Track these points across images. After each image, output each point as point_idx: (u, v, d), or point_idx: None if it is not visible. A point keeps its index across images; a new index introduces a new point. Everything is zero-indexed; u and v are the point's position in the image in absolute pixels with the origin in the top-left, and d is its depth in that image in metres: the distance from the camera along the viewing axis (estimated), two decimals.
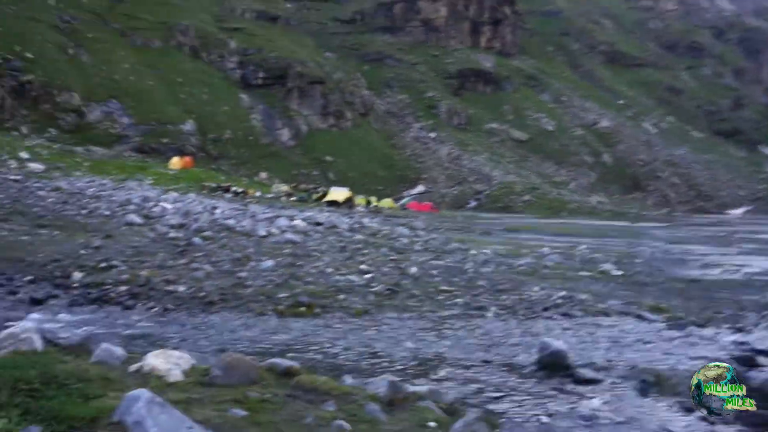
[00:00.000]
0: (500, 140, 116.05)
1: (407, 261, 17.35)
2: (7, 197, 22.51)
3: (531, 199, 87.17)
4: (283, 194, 55.27)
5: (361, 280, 13.52)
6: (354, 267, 15.14)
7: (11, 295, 10.47)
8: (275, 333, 9.52)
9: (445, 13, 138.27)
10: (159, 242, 16.48)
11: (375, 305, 11.81)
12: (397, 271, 15.39)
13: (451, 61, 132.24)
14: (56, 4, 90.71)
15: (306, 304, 11.09)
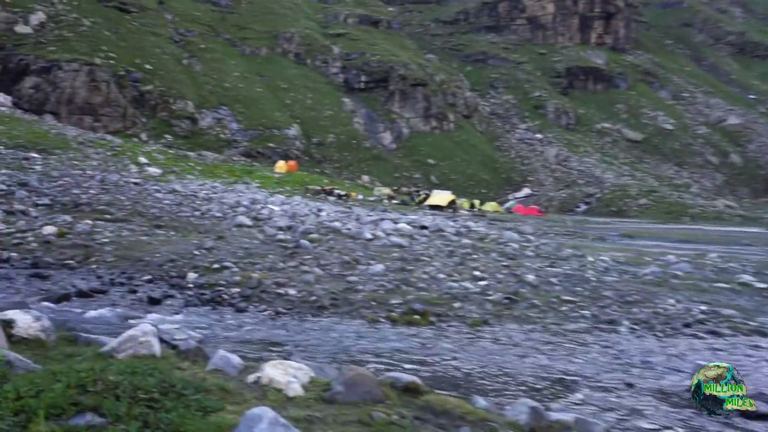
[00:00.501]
0: (612, 140, 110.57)
1: (521, 267, 16.36)
2: (128, 199, 23.57)
3: (648, 203, 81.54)
4: (384, 197, 55.20)
5: (475, 288, 12.75)
6: (467, 273, 14.38)
7: (131, 294, 10.66)
8: (390, 342, 8.99)
9: (553, 10, 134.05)
10: (268, 244, 16.48)
11: (493, 315, 11.03)
12: (513, 278, 14.47)
13: (559, 58, 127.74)
14: (173, 18, 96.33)
15: (420, 312, 10.49)
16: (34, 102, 66.33)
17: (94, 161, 40.72)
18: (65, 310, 9.22)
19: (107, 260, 12.77)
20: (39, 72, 67.89)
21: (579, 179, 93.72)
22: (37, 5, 77.73)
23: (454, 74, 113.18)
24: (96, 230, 15.36)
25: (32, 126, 51.11)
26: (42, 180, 27.34)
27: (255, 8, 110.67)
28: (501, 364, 8.03)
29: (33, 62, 68.39)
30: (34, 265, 12.13)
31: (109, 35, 79.46)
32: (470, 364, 7.99)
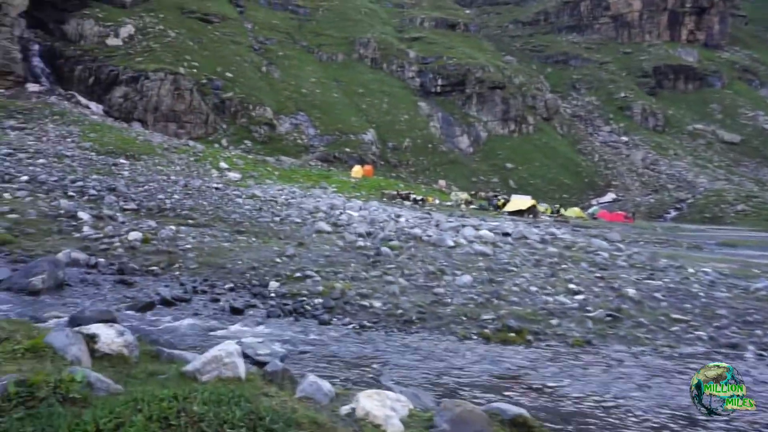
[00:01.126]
0: (706, 143, 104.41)
1: (618, 280, 15.19)
2: (209, 204, 23.85)
3: (746, 209, 75.74)
4: (462, 202, 54.17)
5: (572, 302, 11.80)
6: (561, 286, 13.40)
7: (213, 303, 10.41)
8: (486, 363, 8.27)
9: (639, 7, 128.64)
10: (349, 251, 16.05)
11: (596, 334, 10.07)
12: (612, 291, 13.37)
13: (646, 57, 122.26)
14: (252, 27, 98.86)
15: (516, 329, 9.70)
16: (123, 110, 69.32)
17: (177, 167, 41.94)
18: (149, 319, 9.04)
19: (190, 267, 12.66)
20: (128, 81, 70.84)
21: (668, 184, 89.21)
22: (127, 19, 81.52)
23: (533, 76, 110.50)
24: (179, 236, 15.39)
25: (121, 133, 53.24)
26: (129, 185, 28.17)
27: (331, 15, 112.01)
28: (614, 394, 7.14)
29: (122, 72, 71.48)
30: (120, 271, 12.15)
31: (192, 45, 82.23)
32: (578, 392, 7.16)
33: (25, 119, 51.48)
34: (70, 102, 64.35)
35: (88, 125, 52.48)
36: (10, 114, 52.02)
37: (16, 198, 18.85)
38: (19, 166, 29.34)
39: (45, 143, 43.01)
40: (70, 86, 70.95)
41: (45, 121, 51.28)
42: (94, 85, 71.68)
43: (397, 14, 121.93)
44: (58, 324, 7.64)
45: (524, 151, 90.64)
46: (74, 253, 12.48)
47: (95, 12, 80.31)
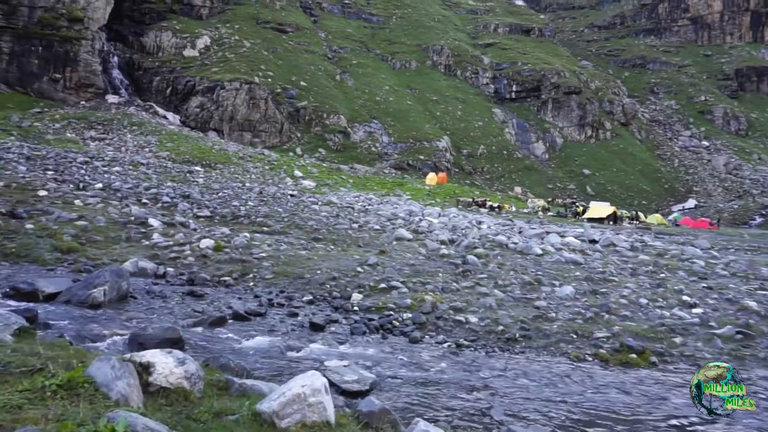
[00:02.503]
0: None
1: (727, 290, 13.31)
2: (285, 211, 23.22)
3: None
4: (539, 209, 52.36)
5: (691, 317, 10.16)
6: (672, 297, 11.73)
7: (291, 318, 9.42)
8: (611, 391, 6.88)
9: (720, 8, 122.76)
10: (434, 260, 14.84)
11: (731, 356, 8.48)
12: (729, 304, 11.59)
13: (727, 59, 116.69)
14: (326, 36, 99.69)
15: (637, 349, 8.22)
16: (199, 120, 70.88)
17: (253, 175, 42.11)
18: (219, 337, 8.11)
19: (265, 277, 11.77)
20: (204, 92, 72.40)
21: (753, 189, 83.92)
22: (203, 30, 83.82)
23: (610, 80, 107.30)
24: (254, 243, 14.61)
25: (197, 142, 54.22)
26: (203, 192, 27.99)
27: (405, 23, 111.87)
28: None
29: (198, 83, 73.17)
30: (190, 282, 11.39)
31: (266, 55, 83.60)
32: None
33: (105, 130, 53.15)
34: (148, 112, 66.23)
35: (165, 135, 53.70)
36: (90, 125, 53.88)
37: (87, 205, 18.66)
38: (95, 174, 29.66)
39: (123, 152, 44.13)
40: (148, 97, 73.29)
41: (124, 132, 52.86)
42: (171, 95, 73.77)
43: (471, 21, 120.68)
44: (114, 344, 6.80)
45: (601, 157, 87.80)
46: (142, 262, 11.82)
47: (173, 24, 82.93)
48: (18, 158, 30.06)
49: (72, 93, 66.05)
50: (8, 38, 63.49)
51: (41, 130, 49.23)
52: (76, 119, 54.35)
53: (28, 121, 51.55)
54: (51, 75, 65.08)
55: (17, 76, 63.87)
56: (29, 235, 13.82)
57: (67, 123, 52.89)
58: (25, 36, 64.14)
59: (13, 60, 63.64)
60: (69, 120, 53.70)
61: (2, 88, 62.36)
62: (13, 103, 59.30)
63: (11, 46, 63.75)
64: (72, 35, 66.91)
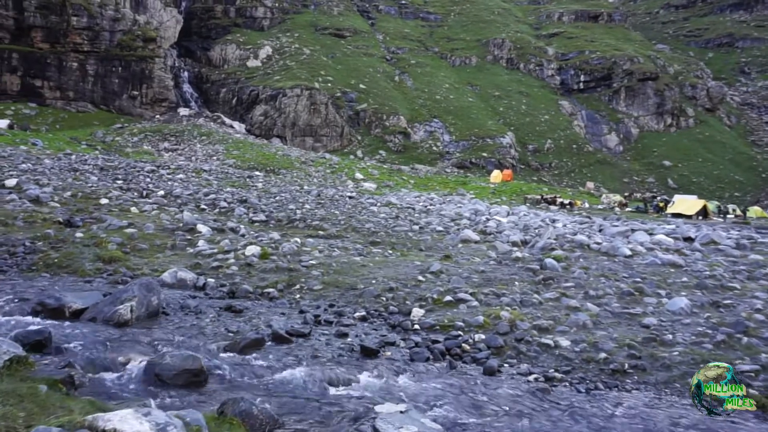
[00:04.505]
0: None
1: None
2: (342, 213, 21.87)
3: None
4: (615, 204, 49.03)
5: None
6: None
7: (340, 339, 7.82)
8: None
9: None
10: (507, 265, 12.93)
11: None
12: None
13: None
14: (384, 38, 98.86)
15: None
16: (263, 127, 71.93)
17: (315, 178, 41.56)
18: (252, 364, 6.61)
19: (313, 288, 10.24)
20: (267, 100, 73.62)
21: None
22: (265, 41, 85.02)
23: (692, 63, 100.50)
24: (304, 249, 13.14)
25: (262, 149, 54.72)
26: (261, 196, 27.19)
27: (463, 18, 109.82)
28: None
29: (261, 92, 74.41)
30: (231, 294, 10.06)
31: (326, 60, 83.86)
32: None
33: (177, 141, 55.03)
34: (216, 123, 68.07)
35: (232, 143, 54.58)
36: (164, 137, 55.84)
37: (143, 212, 17.87)
38: (160, 181, 29.72)
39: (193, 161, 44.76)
40: (216, 108, 75.04)
41: (194, 142, 54.30)
42: (236, 105, 75.53)
43: (533, 11, 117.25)
44: (128, 375, 5.42)
45: (684, 146, 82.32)
46: (181, 273, 10.59)
47: (236, 37, 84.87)
48: (92, 169, 30.55)
49: (148, 108, 69.89)
50: (93, 61, 68.16)
51: (121, 144, 51.72)
52: (152, 132, 56.77)
53: (110, 136, 54.90)
54: (129, 92, 69.39)
55: (101, 95, 68.48)
56: (76, 244, 13.08)
57: (143, 136, 55.23)
58: (107, 58, 68.78)
59: (97, 81, 68.48)
60: (145, 133, 56.15)
61: (89, 107, 67.16)
62: (98, 120, 63.44)
63: (96, 68, 68.40)
64: (147, 54, 70.83)
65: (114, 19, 69.54)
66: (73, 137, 49.79)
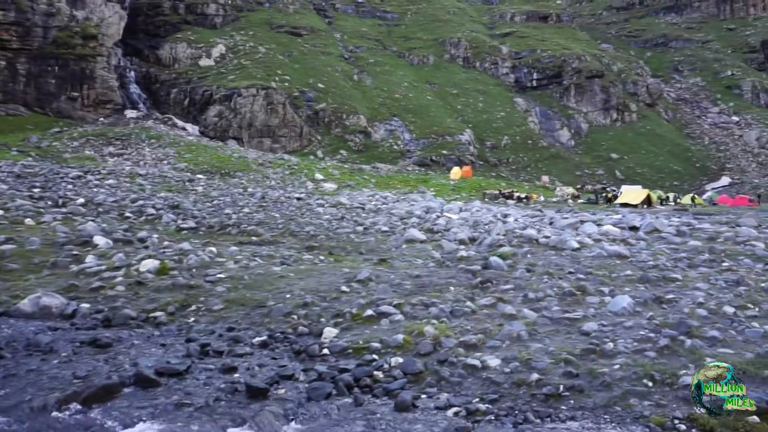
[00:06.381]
0: None
1: None
2: (282, 216, 20.51)
3: None
4: (568, 197, 49.42)
5: None
6: (764, 299, 8.45)
7: (225, 375, 6.35)
8: None
9: None
10: (448, 267, 11.77)
11: None
12: None
13: (752, 31, 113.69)
14: (342, 37, 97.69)
15: (761, 407, 4.99)
16: (218, 129, 69.68)
17: (273, 180, 40.07)
18: (94, 423, 5.16)
19: (213, 308, 8.77)
20: (221, 100, 71.21)
21: None
22: (218, 39, 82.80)
23: (633, 62, 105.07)
24: (217, 260, 11.70)
25: (216, 151, 52.73)
26: (198, 201, 25.58)
27: (420, 18, 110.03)
28: None
29: (215, 92, 72.01)
30: (105, 322, 8.33)
31: (282, 59, 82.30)
32: None
33: (124, 145, 52.24)
34: (167, 125, 65.36)
35: (184, 146, 52.61)
36: (109, 141, 52.94)
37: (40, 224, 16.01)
38: (84, 188, 27.54)
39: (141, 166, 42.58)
40: (167, 109, 72.21)
41: (142, 145, 51.86)
42: (189, 106, 72.89)
43: (487, 11, 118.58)
44: None
45: (629, 139, 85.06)
46: (46, 299, 8.86)
47: (187, 35, 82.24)
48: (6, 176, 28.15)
49: (90, 110, 65.49)
50: (24, 60, 62.86)
51: (59, 149, 48.02)
52: (95, 136, 53.34)
53: (46, 141, 50.57)
54: (69, 94, 64.45)
55: (35, 97, 63.16)
56: None
57: (85, 140, 51.85)
58: (41, 56, 63.48)
59: (30, 81, 62.95)
60: (87, 137, 52.68)
61: (21, 110, 61.61)
62: (33, 124, 58.50)
63: (28, 67, 63.01)
64: (87, 53, 66.29)
65: (48, 14, 64.60)
66: (3, 143, 46.27)
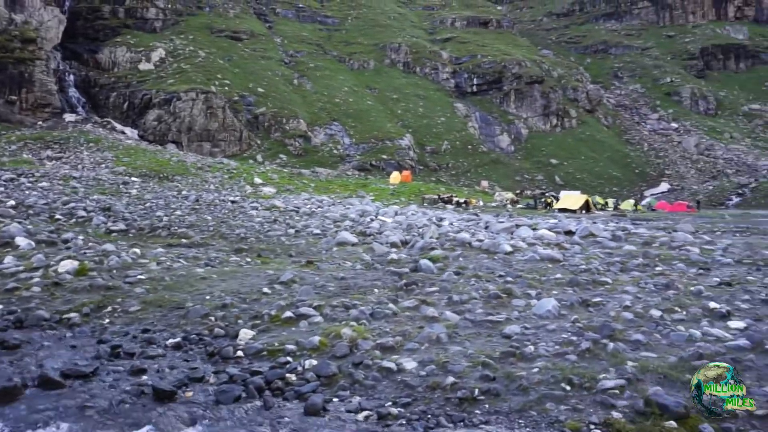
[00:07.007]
0: (764, 123, 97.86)
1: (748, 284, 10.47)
2: (213, 219, 20.09)
3: None
4: (507, 202, 50.41)
5: (733, 336, 7.01)
6: (693, 304, 8.69)
7: (133, 377, 6.10)
8: None
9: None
10: (375, 270, 11.70)
11: None
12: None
13: (691, 39, 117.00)
14: (282, 41, 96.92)
15: (674, 410, 4.89)
16: (157, 133, 68.69)
17: (211, 185, 39.52)
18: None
19: (129, 310, 8.47)
20: (160, 104, 70.42)
21: (727, 169, 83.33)
22: (158, 43, 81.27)
23: (573, 68, 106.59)
24: (139, 262, 11.33)
25: (155, 155, 51.85)
26: (131, 204, 24.88)
27: (361, 23, 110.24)
28: None
29: (155, 96, 71.01)
30: (17, 324, 7.98)
31: (222, 63, 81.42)
32: None
33: (62, 148, 51.54)
34: (105, 129, 64.30)
35: (123, 150, 51.90)
36: (47, 145, 52.13)
37: None
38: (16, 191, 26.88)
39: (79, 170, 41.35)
40: (106, 113, 70.74)
41: (81, 149, 51.05)
42: (128, 110, 71.83)
43: (427, 17, 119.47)
44: None
45: (568, 145, 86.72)
46: None
47: (127, 39, 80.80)
48: None
49: (29, 114, 64.19)
50: None
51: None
52: (33, 140, 52.53)
53: None
54: (7, 97, 63.36)
55: None
56: None
57: (23, 144, 50.98)
58: None
59: None
60: (25, 141, 51.89)
61: None
62: None
63: None
64: (26, 56, 64.95)
65: None
66: None
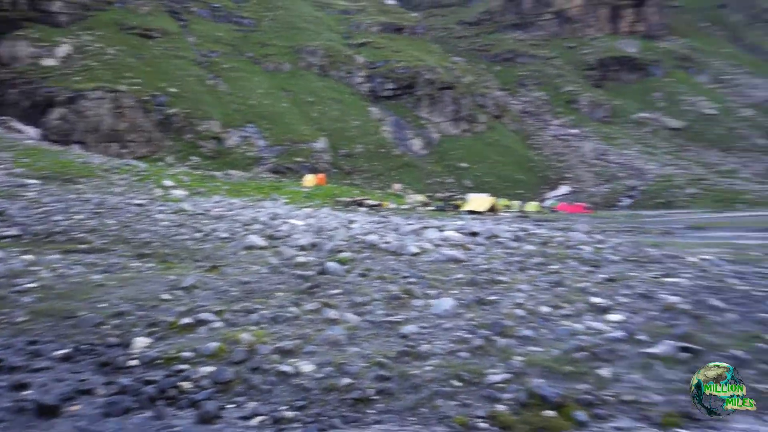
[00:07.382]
0: (652, 130, 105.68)
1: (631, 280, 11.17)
2: (117, 223, 19.34)
3: (697, 192, 76.58)
4: (418, 204, 51.47)
5: (612, 329, 7.58)
6: (579, 300, 9.22)
7: (14, 392, 5.68)
8: None
9: (580, 2, 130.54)
10: (281, 273, 11.66)
11: (683, 391, 5.75)
12: (647, 302, 9.24)
13: (590, 51, 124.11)
14: (195, 41, 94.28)
15: (552, 400, 5.28)
16: (61, 133, 65.45)
17: (118, 187, 37.74)
18: None
19: (15, 320, 7.92)
20: (65, 103, 67.03)
21: (619, 172, 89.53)
22: (63, 38, 77.26)
23: (482, 75, 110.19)
24: (30, 269, 10.77)
25: (58, 156, 48.96)
26: (27, 207, 23.47)
27: (277, 25, 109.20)
28: None
29: (58, 94, 67.11)
30: None
31: (133, 61, 78.49)
32: None
33: None
34: (3, 127, 59.98)
35: (22, 150, 48.50)
36: None
37: None
38: None
39: None
40: (5, 111, 66.59)
41: None
42: (30, 108, 67.95)
43: (344, 21, 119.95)
44: None
45: (477, 149, 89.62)
46: None
47: (29, 33, 76.17)
48: None
49: None
50: None
51: None
52: None
53: None
54: None
55: None
56: None
57: None
58: None
59: None
60: None
61: None
62: None
63: None
64: None
65: None
66: None
